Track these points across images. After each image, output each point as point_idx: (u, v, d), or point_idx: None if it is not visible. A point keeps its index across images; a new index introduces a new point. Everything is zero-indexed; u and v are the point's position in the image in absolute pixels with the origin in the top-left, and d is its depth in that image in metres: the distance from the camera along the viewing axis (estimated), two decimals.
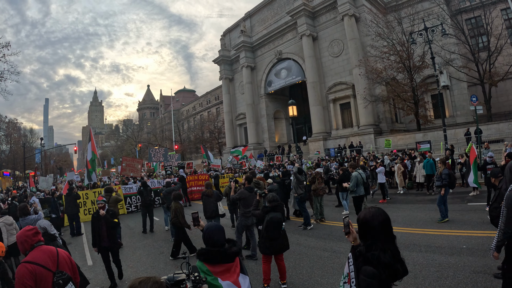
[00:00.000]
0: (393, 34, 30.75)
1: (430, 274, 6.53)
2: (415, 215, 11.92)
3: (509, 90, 33.84)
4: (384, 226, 2.87)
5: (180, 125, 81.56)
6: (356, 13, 35.20)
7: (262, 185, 10.14)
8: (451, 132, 26.75)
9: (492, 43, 28.64)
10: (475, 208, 11.11)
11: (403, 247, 8.25)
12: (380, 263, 2.65)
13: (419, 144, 20.82)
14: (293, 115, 24.60)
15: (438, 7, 30.49)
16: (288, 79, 44.68)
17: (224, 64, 55.04)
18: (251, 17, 50.91)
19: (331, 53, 38.25)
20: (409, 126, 36.20)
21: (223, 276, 3.25)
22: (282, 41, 44.76)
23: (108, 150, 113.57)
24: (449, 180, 10.57)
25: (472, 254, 7.30)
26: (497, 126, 26.30)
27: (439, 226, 9.97)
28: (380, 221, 2.87)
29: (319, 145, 37.44)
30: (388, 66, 30.69)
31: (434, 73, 22.83)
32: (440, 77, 22.07)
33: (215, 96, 73.72)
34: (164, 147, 45.59)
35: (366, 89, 32.70)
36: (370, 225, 2.89)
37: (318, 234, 10.64)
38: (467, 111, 31.03)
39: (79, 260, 10.17)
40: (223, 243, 3.39)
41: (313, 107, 38.93)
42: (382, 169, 15.88)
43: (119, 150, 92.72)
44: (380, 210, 2.97)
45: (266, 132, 48.96)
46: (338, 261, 7.87)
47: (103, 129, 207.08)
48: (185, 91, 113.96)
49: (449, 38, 28.12)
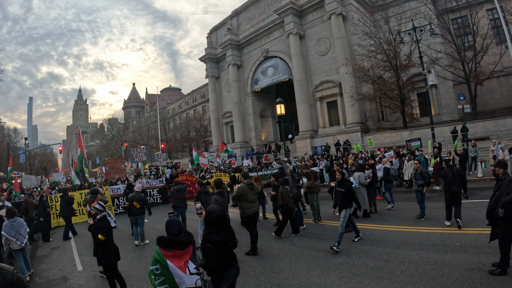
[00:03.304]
0: (380, 33, 30.99)
1: (426, 272, 6.56)
2: (405, 213, 12.01)
3: (494, 88, 34.44)
4: (218, 218, 4.56)
5: (166, 123, 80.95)
6: (343, 12, 35.32)
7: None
8: (438, 130, 27.03)
9: (478, 43, 29.01)
10: (464, 206, 11.16)
11: (396, 246, 8.37)
12: (216, 242, 4.34)
13: (409, 142, 20.88)
14: (281, 113, 24.62)
15: (425, 6, 30.77)
16: (274, 77, 44.62)
17: (211, 62, 54.70)
18: (238, 15, 50.68)
19: (318, 51, 38.32)
20: (395, 124, 36.53)
21: (172, 260, 4.19)
22: (269, 39, 44.64)
23: (93, 150, 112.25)
24: (428, 179, 11.25)
25: (466, 252, 7.38)
26: (482, 124, 26.72)
27: (429, 224, 10.06)
28: (216, 215, 4.56)
29: (306, 143, 37.52)
30: (375, 65, 30.93)
31: (420, 72, 23.14)
32: (428, 76, 22.23)
33: (201, 94, 73.34)
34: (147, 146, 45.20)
35: (353, 88, 32.87)
36: (209, 217, 4.59)
37: (311, 234, 10.62)
38: (453, 109, 31.47)
39: (69, 265, 9.96)
40: (177, 234, 4.45)
41: (300, 105, 38.96)
42: (381, 166, 16.22)
43: (105, 150, 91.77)
44: (217, 208, 4.76)
45: (252, 131, 48.83)
46: (333, 261, 7.87)
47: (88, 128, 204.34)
48: (170, 89, 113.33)
49: (436, 38, 28.38)
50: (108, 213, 7.49)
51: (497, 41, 31.84)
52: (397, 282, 6.33)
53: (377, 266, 7.23)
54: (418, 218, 10.75)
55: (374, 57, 30.96)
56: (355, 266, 7.40)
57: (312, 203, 12.38)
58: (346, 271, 7.19)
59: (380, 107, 36.80)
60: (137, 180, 22.61)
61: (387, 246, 8.44)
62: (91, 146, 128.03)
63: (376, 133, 33.12)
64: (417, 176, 11.14)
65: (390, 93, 30.57)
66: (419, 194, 11.00)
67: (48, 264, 10.58)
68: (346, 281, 6.66)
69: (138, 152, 28.11)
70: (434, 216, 10.83)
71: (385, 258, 7.61)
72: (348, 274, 6.99)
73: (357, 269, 7.22)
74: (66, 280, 8.75)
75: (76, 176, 22.24)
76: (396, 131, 32.52)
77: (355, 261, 7.71)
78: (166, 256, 4.23)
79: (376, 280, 6.52)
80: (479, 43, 28.75)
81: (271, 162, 29.50)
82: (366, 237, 9.54)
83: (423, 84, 25.08)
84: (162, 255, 4.23)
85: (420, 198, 10.95)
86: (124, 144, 65.86)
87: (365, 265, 7.35)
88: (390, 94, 30.56)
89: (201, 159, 28.80)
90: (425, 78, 22.61)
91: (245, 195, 9.19)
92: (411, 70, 31.22)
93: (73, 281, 8.67)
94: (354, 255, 8.10)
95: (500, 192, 6.29)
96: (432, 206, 12.06)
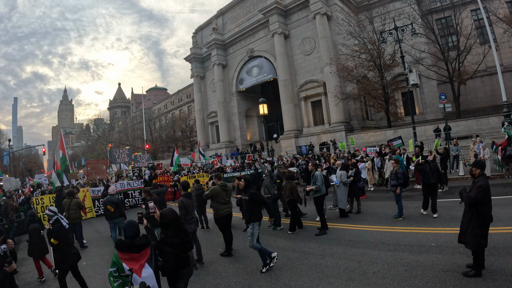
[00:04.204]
0: (364, 33, 31.08)
1: (398, 273, 6.37)
2: (384, 212, 11.85)
3: (478, 88, 34.80)
4: (170, 222, 4.74)
5: (151, 124, 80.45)
6: (328, 12, 35.34)
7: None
8: (421, 129, 27.18)
9: (461, 43, 29.27)
10: (444, 205, 11.11)
11: (371, 246, 8.20)
12: (175, 245, 4.55)
13: (391, 142, 20.81)
14: (263, 113, 24.46)
15: (409, 7, 31.00)
16: (259, 77, 44.49)
17: (196, 62, 54.36)
18: (223, 14, 50.40)
19: (303, 51, 38.25)
20: (380, 123, 36.67)
21: (128, 262, 4.09)
22: (254, 39, 44.46)
23: (79, 151, 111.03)
24: (404, 179, 11.03)
25: (441, 252, 7.21)
26: (465, 122, 26.89)
27: (407, 224, 9.89)
28: (167, 219, 4.76)
29: (290, 142, 37.47)
30: (359, 64, 30.97)
31: (404, 72, 23.03)
32: (409, 76, 22.21)
33: (187, 94, 72.78)
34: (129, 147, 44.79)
35: (337, 87, 32.88)
36: (162, 221, 4.81)
37: (287, 235, 10.38)
38: (437, 108, 31.60)
39: (46, 268, 9.59)
40: (133, 237, 4.30)
41: (285, 105, 38.90)
42: (364, 165, 16.33)
43: (90, 151, 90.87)
44: (170, 212, 4.88)
45: (238, 130, 48.63)
46: (307, 262, 7.67)
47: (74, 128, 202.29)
48: (156, 89, 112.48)
49: (420, 38, 28.53)
50: (60, 217, 7.38)
51: (481, 41, 32.09)
52: (369, 283, 6.14)
53: (349, 267, 7.04)
54: (396, 218, 10.58)
55: (358, 57, 31.04)
56: (328, 267, 7.20)
57: None
58: (318, 272, 6.99)
59: (365, 106, 36.86)
60: (118, 181, 22.25)
61: (362, 247, 8.25)
62: (76, 147, 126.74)
63: (361, 132, 33.17)
64: (392, 176, 11.05)
65: (374, 93, 30.65)
66: (394, 194, 10.89)
67: (27, 266, 10.35)
68: (317, 283, 6.47)
69: (120, 153, 27.74)
70: (413, 216, 10.71)
71: (358, 259, 7.42)
72: (319, 276, 6.79)
73: (329, 270, 7.01)
74: (44, 282, 8.83)
75: (57, 178, 21.83)
76: (380, 130, 32.62)
77: (328, 262, 7.51)
78: (122, 259, 4.15)
79: (348, 282, 6.33)
80: (463, 43, 29.00)
81: (253, 162, 29.26)
82: (341, 237, 9.36)
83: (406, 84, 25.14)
84: (119, 257, 4.17)
85: (396, 198, 10.83)
86: (109, 145, 65.16)
87: (338, 266, 7.15)
88: (374, 94, 30.64)
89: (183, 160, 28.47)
90: (406, 78, 22.58)
91: (217, 196, 8.90)
92: (395, 69, 31.32)
93: (50, 283, 8.72)
94: (327, 256, 7.89)
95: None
96: (412, 206, 11.96)
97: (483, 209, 5.94)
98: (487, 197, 5.96)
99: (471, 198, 5.93)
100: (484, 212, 5.94)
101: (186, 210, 8.05)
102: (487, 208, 5.98)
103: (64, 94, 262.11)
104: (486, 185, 5.96)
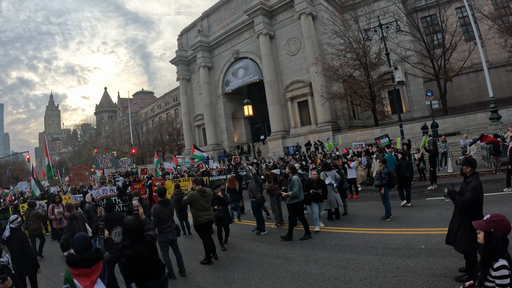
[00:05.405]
0: (350, 32, 30.99)
1: (386, 280, 5.93)
2: (372, 213, 11.44)
3: (464, 85, 34.96)
4: (130, 231, 4.51)
5: (138, 128, 79.72)
6: (313, 12, 35.22)
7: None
8: (408, 127, 27.08)
9: (447, 40, 29.31)
10: (433, 203, 10.78)
11: (358, 251, 7.78)
12: (127, 256, 4.39)
13: (378, 140, 20.51)
14: (249, 114, 24.09)
15: (394, 5, 30.88)
16: (245, 78, 44.20)
17: (181, 64, 53.88)
18: (208, 16, 50.03)
19: (288, 51, 38.01)
20: (367, 122, 36.56)
21: (79, 278, 3.82)
22: (239, 40, 44.18)
23: (66, 157, 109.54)
24: (389, 179, 10.54)
25: (431, 255, 6.78)
26: (453, 119, 26.88)
27: (396, 225, 9.48)
28: (127, 228, 4.53)
29: (277, 143, 37.23)
30: (344, 64, 30.84)
31: (390, 70, 22.83)
32: (395, 73, 22.00)
33: (173, 97, 72.21)
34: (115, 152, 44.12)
35: (323, 87, 32.70)
36: (123, 228, 4.58)
37: (271, 240, 9.91)
38: (424, 105, 31.56)
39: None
40: (82, 251, 3.96)
41: (271, 106, 38.63)
42: (354, 164, 16.06)
43: (77, 156, 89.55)
44: (131, 221, 4.62)
45: (224, 133, 48.27)
46: (289, 269, 7.20)
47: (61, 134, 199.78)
48: (143, 92, 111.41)
49: (405, 36, 28.50)
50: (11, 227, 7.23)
51: (466, 38, 32.23)
52: None
53: (334, 274, 6.58)
54: (384, 219, 10.15)
55: (344, 56, 30.94)
56: (311, 275, 6.73)
57: (273, 207, 11.73)
58: (301, 280, 6.52)
59: (351, 105, 36.68)
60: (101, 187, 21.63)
61: (348, 251, 7.81)
62: (63, 153, 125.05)
63: (348, 132, 33.06)
64: (376, 176, 10.72)
65: (360, 91, 30.58)
66: (381, 195, 10.49)
67: None
68: None
69: (103, 158, 27.06)
70: (401, 216, 10.32)
71: (344, 265, 6.97)
72: (302, 284, 6.33)
73: (313, 278, 6.55)
74: None
75: (36, 185, 21.25)
76: (367, 129, 32.49)
77: (312, 269, 7.05)
78: (73, 274, 3.88)
79: None
80: (448, 40, 29.01)
81: (237, 165, 28.81)
82: (327, 241, 8.94)
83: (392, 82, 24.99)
84: (70, 273, 3.89)
85: (382, 198, 10.45)
86: (94, 150, 64.29)
87: (322, 274, 6.68)
88: (361, 92, 30.55)
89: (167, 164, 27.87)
90: (392, 75, 22.36)
91: (195, 203, 8.36)
92: (381, 68, 31.29)
93: None
94: (311, 263, 7.44)
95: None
96: (400, 205, 11.57)
97: (476, 210, 5.51)
98: (480, 197, 5.56)
99: (466, 203, 5.48)
100: (477, 214, 5.53)
101: (159, 218, 7.51)
102: (479, 209, 5.58)
103: (50, 99, 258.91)
104: (479, 186, 5.55)
